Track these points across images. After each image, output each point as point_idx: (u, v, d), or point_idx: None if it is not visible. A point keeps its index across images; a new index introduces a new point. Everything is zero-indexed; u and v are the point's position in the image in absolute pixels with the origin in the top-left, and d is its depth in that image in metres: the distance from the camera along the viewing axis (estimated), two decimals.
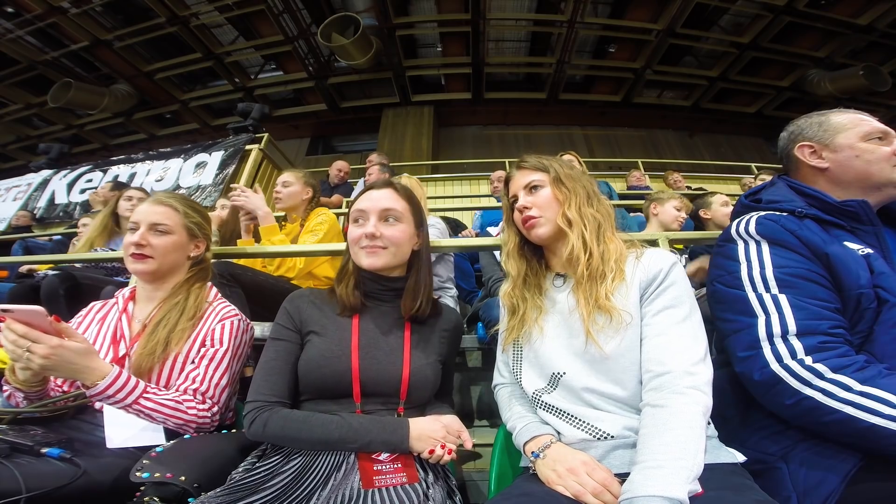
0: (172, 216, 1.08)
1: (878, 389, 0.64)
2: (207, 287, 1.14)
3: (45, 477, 0.72)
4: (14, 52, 6.56)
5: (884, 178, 0.86)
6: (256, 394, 0.83)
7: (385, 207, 0.95)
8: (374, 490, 0.74)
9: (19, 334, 0.76)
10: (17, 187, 4.76)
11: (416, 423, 0.82)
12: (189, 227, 1.11)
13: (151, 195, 1.12)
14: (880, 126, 0.90)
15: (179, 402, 0.91)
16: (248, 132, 4.27)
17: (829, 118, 0.95)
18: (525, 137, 8.66)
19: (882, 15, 5.92)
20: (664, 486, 0.57)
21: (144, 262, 1.03)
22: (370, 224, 0.93)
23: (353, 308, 0.94)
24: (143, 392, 0.87)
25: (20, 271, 2.34)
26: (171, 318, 1.01)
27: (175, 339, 0.99)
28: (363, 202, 0.97)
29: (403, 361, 0.89)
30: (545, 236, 0.90)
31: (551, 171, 0.93)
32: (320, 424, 0.79)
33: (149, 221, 1.06)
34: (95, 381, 0.82)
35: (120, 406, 0.85)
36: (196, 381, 0.96)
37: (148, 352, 0.96)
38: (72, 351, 0.79)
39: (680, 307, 0.77)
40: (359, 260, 0.94)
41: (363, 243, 0.93)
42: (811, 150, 0.93)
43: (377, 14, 6.42)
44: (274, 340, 0.91)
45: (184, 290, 1.07)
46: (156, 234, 1.05)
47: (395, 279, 0.98)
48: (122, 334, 1.02)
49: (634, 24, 6.52)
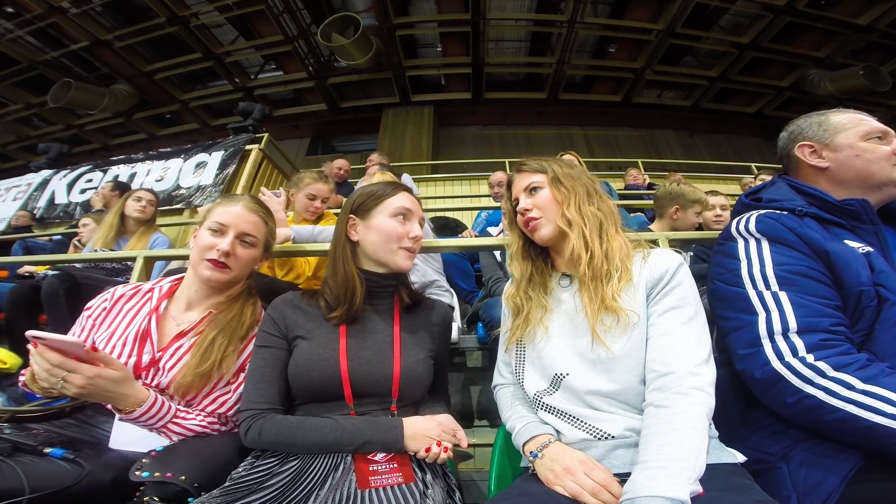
0: (261, 228, 1.02)
1: (880, 388, 0.63)
2: (259, 305, 1.05)
3: (49, 477, 0.72)
4: (14, 52, 6.57)
5: (884, 177, 0.86)
6: (248, 402, 0.83)
7: (422, 215, 1.00)
8: (373, 490, 0.74)
9: (54, 364, 0.72)
10: (17, 187, 4.76)
11: (410, 422, 0.82)
12: (267, 241, 1.06)
13: (239, 197, 1.03)
14: (880, 125, 0.90)
15: (205, 427, 0.90)
16: (248, 132, 4.26)
17: (828, 118, 0.95)
18: (525, 137, 8.66)
19: (882, 15, 5.92)
20: (666, 486, 0.57)
21: (224, 271, 0.95)
22: (416, 227, 0.96)
23: (354, 317, 0.92)
24: (173, 416, 0.86)
25: (19, 272, 2.34)
26: (224, 338, 0.93)
27: (227, 364, 0.92)
28: (407, 202, 0.97)
29: (393, 359, 0.88)
30: (547, 237, 0.90)
31: (549, 171, 0.93)
32: (314, 429, 0.79)
33: (240, 230, 0.98)
34: (130, 409, 0.80)
35: (147, 428, 0.84)
36: (224, 405, 0.93)
37: (201, 373, 0.89)
38: (109, 380, 0.76)
39: (686, 308, 0.77)
40: (395, 261, 0.93)
41: (406, 244, 0.94)
42: (811, 149, 0.93)
43: (377, 14, 6.42)
44: (260, 348, 0.90)
45: (238, 305, 0.99)
46: (243, 244, 0.99)
47: (392, 275, 0.98)
48: (149, 335, 0.94)
49: (634, 24, 6.52)
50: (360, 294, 0.91)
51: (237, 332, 0.95)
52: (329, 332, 0.90)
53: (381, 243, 0.93)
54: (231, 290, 1.02)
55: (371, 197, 0.97)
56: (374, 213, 0.95)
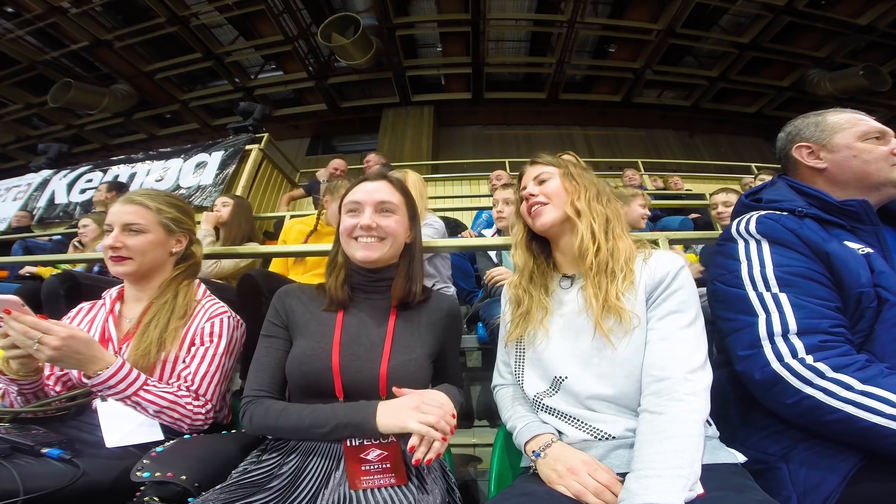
0: (145, 214, 1.06)
1: (879, 389, 0.64)
2: (195, 284, 1.12)
3: (44, 478, 0.72)
4: (14, 52, 6.56)
5: (882, 177, 0.86)
6: (248, 389, 0.86)
7: (381, 200, 0.94)
8: (373, 490, 0.73)
9: (29, 325, 0.77)
10: (17, 187, 4.76)
11: (385, 402, 0.79)
12: (165, 224, 1.09)
13: (124, 195, 1.12)
14: (877, 125, 0.90)
15: (178, 397, 0.92)
16: (248, 132, 4.26)
17: (825, 118, 0.94)
18: (525, 137, 8.66)
19: (882, 15, 5.92)
20: (659, 494, 0.57)
21: (123, 263, 1.02)
22: (366, 215, 0.92)
23: (340, 303, 0.93)
24: (143, 384, 0.88)
25: (20, 273, 2.34)
26: (162, 319, 1.00)
27: (168, 340, 0.98)
28: (358, 193, 0.95)
29: (382, 357, 0.87)
30: (549, 223, 0.89)
31: (563, 167, 0.94)
32: (295, 413, 0.80)
33: (121, 222, 1.04)
34: (98, 371, 0.82)
35: (120, 397, 0.86)
36: (188, 379, 0.96)
37: (142, 353, 0.95)
38: (81, 341, 0.80)
39: (686, 312, 0.77)
40: (352, 252, 0.93)
41: (357, 234, 0.92)
42: (809, 150, 0.93)
43: (377, 14, 6.42)
44: (264, 337, 0.93)
45: (172, 289, 1.06)
46: (130, 234, 1.03)
47: (385, 269, 0.97)
48: (108, 335, 1.01)
49: (634, 24, 6.52)
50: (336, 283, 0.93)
51: (176, 312, 1.02)
52: (325, 325, 0.91)
53: (343, 241, 0.96)
54: (160, 278, 1.08)
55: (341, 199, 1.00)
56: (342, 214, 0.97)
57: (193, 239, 1.18)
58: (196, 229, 1.23)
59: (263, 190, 4.24)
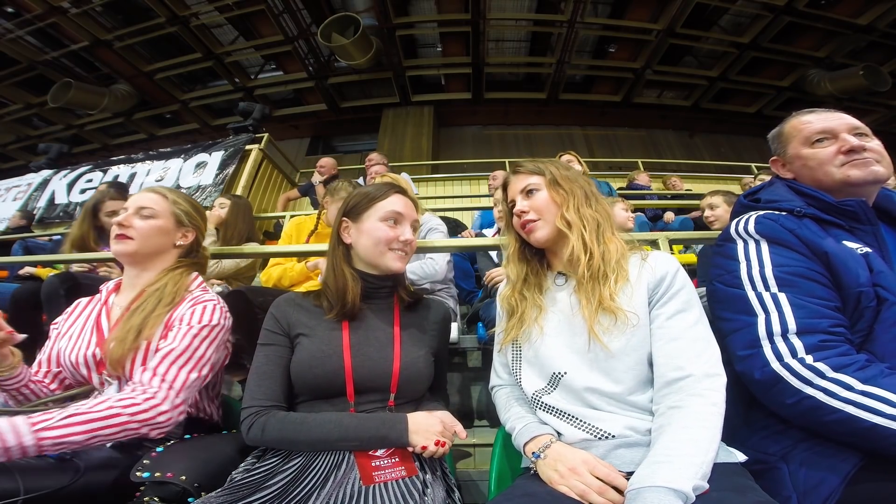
0: (159, 201, 1.08)
1: (879, 389, 0.63)
2: (192, 276, 1.09)
3: (44, 477, 0.72)
4: (14, 52, 6.57)
5: (831, 181, 0.86)
6: (251, 400, 0.83)
7: (416, 218, 1.00)
8: (374, 486, 0.74)
9: None
10: (17, 187, 4.76)
11: (413, 418, 0.82)
12: (176, 214, 1.10)
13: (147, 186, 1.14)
14: (819, 126, 0.89)
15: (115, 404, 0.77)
16: (248, 132, 4.27)
17: (782, 129, 0.96)
18: (525, 137, 8.66)
19: (882, 15, 5.92)
20: (671, 478, 0.57)
21: (124, 242, 1.02)
22: (407, 231, 0.96)
23: (353, 315, 0.93)
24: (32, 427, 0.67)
25: (19, 273, 2.33)
26: (149, 304, 0.96)
27: (148, 325, 0.93)
28: (398, 204, 0.97)
29: (394, 355, 0.89)
30: (543, 239, 0.90)
31: (547, 173, 0.93)
32: (318, 425, 0.79)
33: (136, 205, 1.06)
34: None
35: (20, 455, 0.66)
36: (153, 369, 0.86)
37: (119, 339, 0.90)
38: None
39: (692, 310, 0.78)
40: (386, 262, 0.94)
41: (395, 246, 0.94)
42: (780, 163, 0.96)
43: (377, 14, 6.42)
44: (263, 346, 0.90)
45: (166, 277, 1.04)
46: (140, 217, 1.05)
47: (387, 276, 0.99)
48: (101, 327, 0.99)
49: (634, 24, 6.52)
50: (352, 293, 0.92)
51: (163, 299, 0.98)
52: (330, 330, 0.91)
53: (370, 247, 0.94)
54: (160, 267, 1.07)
55: (363, 200, 0.98)
56: (365, 216, 0.96)
57: (201, 238, 1.17)
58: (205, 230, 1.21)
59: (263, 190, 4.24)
